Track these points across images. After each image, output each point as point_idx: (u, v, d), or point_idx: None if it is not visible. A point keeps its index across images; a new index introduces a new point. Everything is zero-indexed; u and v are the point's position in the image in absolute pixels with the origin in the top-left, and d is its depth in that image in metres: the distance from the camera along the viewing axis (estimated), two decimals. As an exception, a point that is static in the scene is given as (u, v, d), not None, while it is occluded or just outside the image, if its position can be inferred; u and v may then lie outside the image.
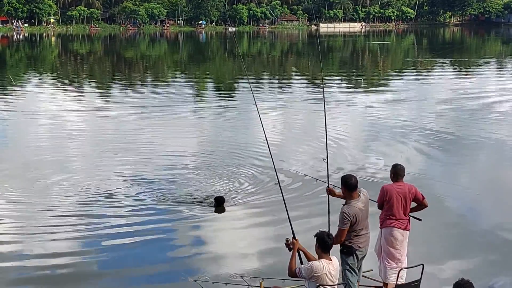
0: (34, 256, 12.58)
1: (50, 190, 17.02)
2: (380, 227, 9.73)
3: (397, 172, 9.78)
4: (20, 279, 11.69)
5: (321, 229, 8.54)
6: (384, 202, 9.57)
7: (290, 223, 9.54)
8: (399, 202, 9.52)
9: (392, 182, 9.80)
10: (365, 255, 9.41)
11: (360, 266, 9.50)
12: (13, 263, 12.26)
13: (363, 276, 9.98)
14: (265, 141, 10.74)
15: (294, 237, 8.91)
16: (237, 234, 13.68)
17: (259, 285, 8.43)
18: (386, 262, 9.66)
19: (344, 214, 8.89)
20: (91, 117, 30.74)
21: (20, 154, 22.01)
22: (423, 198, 9.71)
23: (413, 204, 9.78)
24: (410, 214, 9.72)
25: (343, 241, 9.04)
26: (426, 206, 9.77)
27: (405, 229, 9.60)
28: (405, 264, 9.54)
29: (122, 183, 17.54)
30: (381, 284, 9.85)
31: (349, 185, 9.06)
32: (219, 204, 14.73)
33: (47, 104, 35.58)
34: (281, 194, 10.16)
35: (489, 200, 16.23)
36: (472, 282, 7.06)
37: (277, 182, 11.04)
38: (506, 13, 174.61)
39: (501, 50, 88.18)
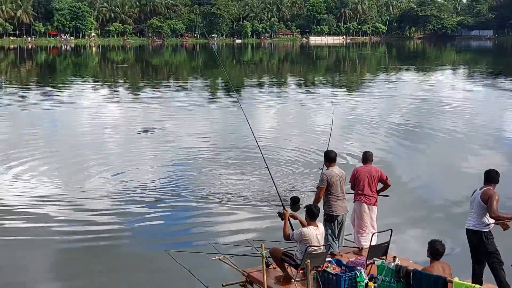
0: (81, 224, 12.51)
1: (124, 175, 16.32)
2: (353, 202, 9.81)
3: (366, 157, 9.88)
4: (66, 248, 11.53)
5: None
6: (355, 180, 9.63)
7: (280, 198, 9.88)
8: (366, 180, 9.56)
9: (362, 165, 9.91)
10: (343, 221, 9.50)
11: (342, 230, 9.62)
12: (62, 237, 12.12)
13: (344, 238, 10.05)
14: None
15: (284, 208, 9.08)
16: (243, 212, 13.26)
17: (260, 247, 8.48)
18: (357, 231, 9.73)
19: (323, 175, 9.37)
20: (126, 111, 30.79)
21: (66, 140, 22.09)
22: (387, 178, 9.74)
23: (380, 186, 9.82)
24: (378, 194, 9.77)
25: (320, 199, 9.39)
26: (389, 185, 9.79)
27: (372, 204, 9.63)
28: (375, 230, 9.59)
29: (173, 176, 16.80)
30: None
31: (330, 158, 9.49)
32: (294, 203, 13.14)
33: (88, 98, 35.92)
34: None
35: (442, 178, 16.24)
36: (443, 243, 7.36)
37: (266, 167, 10.98)
38: (459, 28, 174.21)
39: (455, 58, 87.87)
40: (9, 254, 10.81)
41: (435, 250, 7.41)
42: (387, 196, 10.07)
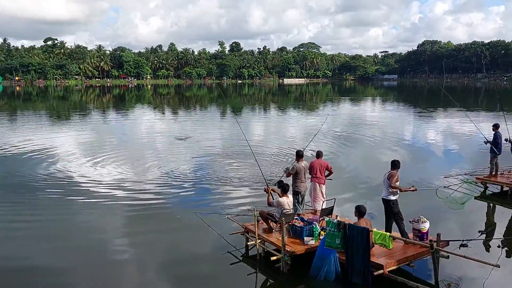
0: (137, 199, 12.25)
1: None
2: (310, 182, 9.78)
3: (318, 154, 9.87)
4: (126, 215, 11.30)
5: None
6: (311, 168, 9.59)
7: (265, 180, 9.70)
8: (318, 169, 9.53)
9: (316, 159, 9.86)
10: (304, 195, 9.45)
11: (303, 200, 9.57)
12: (125, 201, 11.92)
13: (305, 204, 10.01)
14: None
15: (267, 185, 9.06)
16: (242, 189, 13.21)
17: (253, 210, 8.44)
18: (313, 200, 9.67)
19: (294, 166, 9.28)
20: (170, 124, 30.43)
21: (131, 144, 21.73)
22: (331, 168, 9.75)
23: (327, 172, 9.76)
24: (326, 177, 9.72)
25: (289, 177, 9.29)
26: (332, 172, 9.80)
27: (322, 183, 9.59)
28: (324, 199, 9.57)
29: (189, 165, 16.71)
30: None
31: (299, 155, 9.38)
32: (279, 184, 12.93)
33: (145, 117, 35.48)
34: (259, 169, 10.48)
35: (366, 166, 16.12)
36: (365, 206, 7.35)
37: (256, 161, 10.97)
38: (376, 74, 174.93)
39: (374, 92, 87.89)
40: (92, 219, 10.54)
41: (360, 211, 7.42)
42: (331, 179, 10.03)
